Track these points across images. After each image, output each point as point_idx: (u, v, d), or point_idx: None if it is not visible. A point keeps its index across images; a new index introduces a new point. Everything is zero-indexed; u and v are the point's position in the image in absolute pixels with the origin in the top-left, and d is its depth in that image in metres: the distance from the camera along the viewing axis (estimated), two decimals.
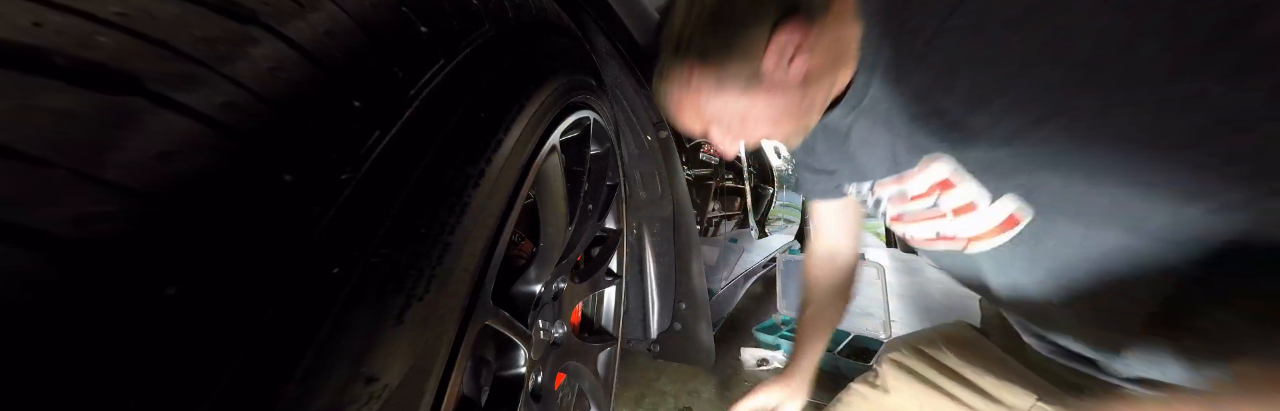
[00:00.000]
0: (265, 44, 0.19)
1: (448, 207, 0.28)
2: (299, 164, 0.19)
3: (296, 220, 0.19)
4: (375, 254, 0.23)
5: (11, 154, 0.12)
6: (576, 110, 0.56)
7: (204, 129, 0.16)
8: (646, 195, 0.93)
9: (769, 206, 1.91)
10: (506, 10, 0.39)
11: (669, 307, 0.95)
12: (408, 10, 0.27)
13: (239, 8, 0.18)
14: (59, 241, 0.13)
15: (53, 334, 0.13)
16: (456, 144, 0.30)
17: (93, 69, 0.14)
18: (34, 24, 0.13)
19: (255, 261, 0.17)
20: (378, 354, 0.23)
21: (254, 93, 0.18)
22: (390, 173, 0.24)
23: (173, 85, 0.16)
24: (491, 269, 0.35)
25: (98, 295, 0.14)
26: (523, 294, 0.53)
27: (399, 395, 0.25)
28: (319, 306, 0.20)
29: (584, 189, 0.69)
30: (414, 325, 0.26)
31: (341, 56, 0.22)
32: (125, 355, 0.14)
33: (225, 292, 0.17)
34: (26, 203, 0.13)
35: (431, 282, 0.27)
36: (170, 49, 0.16)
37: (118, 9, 0.15)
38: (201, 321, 0.16)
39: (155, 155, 0.15)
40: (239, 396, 0.17)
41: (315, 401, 0.20)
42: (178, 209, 0.15)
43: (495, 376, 0.50)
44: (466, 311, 0.32)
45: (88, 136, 0.14)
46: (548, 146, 0.46)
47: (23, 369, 0.12)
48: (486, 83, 0.34)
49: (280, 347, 0.18)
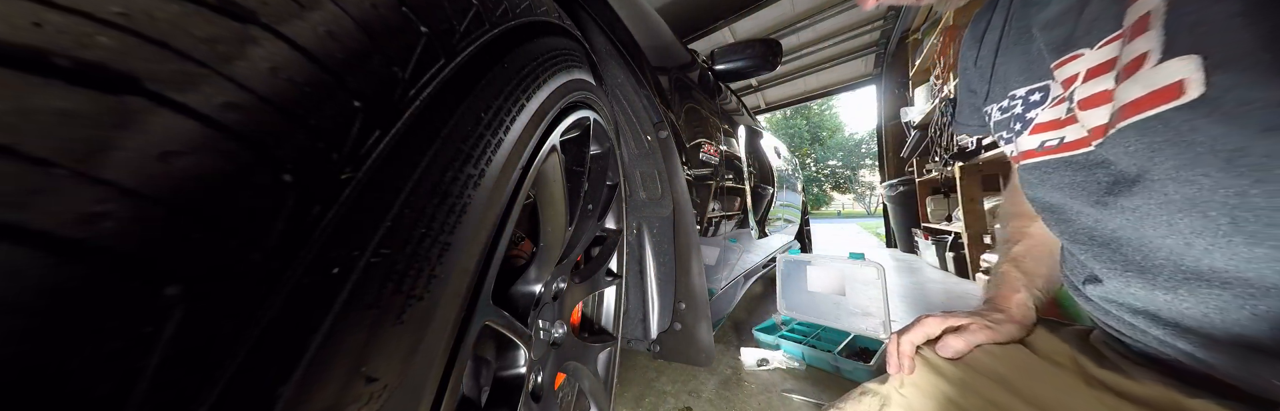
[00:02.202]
0: (265, 44, 0.19)
1: (448, 208, 0.28)
2: (299, 164, 0.19)
3: (296, 220, 0.19)
4: (375, 254, 0.23)
5: (11, 154, 0.12)
6: (576, 110, 0.56)
7: (204, 129, 0.16)
8: (646, 195, 0.93)
9: (769, 206, 1.91)
10: (507, 10, 0.39)
11: (669, 307, 0.95)
12: (408, 10, 0.27)
13: (239, 8, 0.18)
14: (59, 241, 0.13)
15: (53, 334, 0.13)
16: (457, 144, 0.30)
17: (93, 69, 0.14)
18: (34, 24, 0.13)
19: (255, 261, 0.17)
20: (378, 354, 0.23)
21: (254, 93, 0.18)
22: (390, 173, 0.24)
23: (173, 85, 0.16)
24: (491, 269, 0.35)
25: (98, 295, 0.14)
26: (523, 294, 0.53)
27: (399, 395, 0.25)
28: (319, 306, 0.20)
29: (584, 189, 0.69)
30: (414, 325, 0.26)
31: (341, 56, 0.22)
32: (125, 355, 0.14)
33: (225, 292, 0.17)
34: (26, 202, 0.13)
35: (431, 282, 0.27)
36: (170, 49, 0.16)
37: (118, 9, 0.15)
38: (201, 321, 0.16)
39: (155, 155, 0.15)
40: (238, 396, 0.17)
41: (315, 401, 0.20)
42: (178, 209, 0.15)
43: (495, 376, 0.50)
44: (466, 311, 0.32)
45: (88, 136, 0.14)
46: (548, 146, 0.46)
47: (22, 369, 0.12)
48: (487, 83, 0.34)
49: (280, 347, 0.18)
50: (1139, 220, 0.34)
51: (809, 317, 1.54)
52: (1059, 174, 0.43)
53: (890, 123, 4.91)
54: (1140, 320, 0.38)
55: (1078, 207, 0.41)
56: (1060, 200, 0.44)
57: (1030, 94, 0.46)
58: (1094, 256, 0.40)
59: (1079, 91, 0.38)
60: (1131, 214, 0.35)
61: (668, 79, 1.02)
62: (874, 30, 4.67)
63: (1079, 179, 0.41)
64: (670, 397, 1.11)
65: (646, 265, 0.96)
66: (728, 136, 1.41)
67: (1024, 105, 0.47)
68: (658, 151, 0.89)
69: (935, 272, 3.01)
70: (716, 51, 1.59)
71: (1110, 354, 0.44)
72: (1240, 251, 0.28)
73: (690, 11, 3.82)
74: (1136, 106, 0.31)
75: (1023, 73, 0.47)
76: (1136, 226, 0.35)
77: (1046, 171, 0.45)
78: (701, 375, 1.25)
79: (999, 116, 0.52)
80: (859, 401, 0.52)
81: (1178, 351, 0.35)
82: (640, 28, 0.90)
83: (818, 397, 1.11)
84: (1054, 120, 0.43)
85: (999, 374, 0.47)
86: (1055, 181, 0.44)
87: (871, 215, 20.27)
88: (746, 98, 6.50)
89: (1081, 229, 0.42)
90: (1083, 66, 0.38)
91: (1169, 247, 0.33)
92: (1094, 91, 0.37)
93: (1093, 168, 0.39)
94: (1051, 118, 0.44)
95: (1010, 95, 0.49)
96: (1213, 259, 0.30)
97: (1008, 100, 0.50)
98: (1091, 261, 0.41)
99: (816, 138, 34.43)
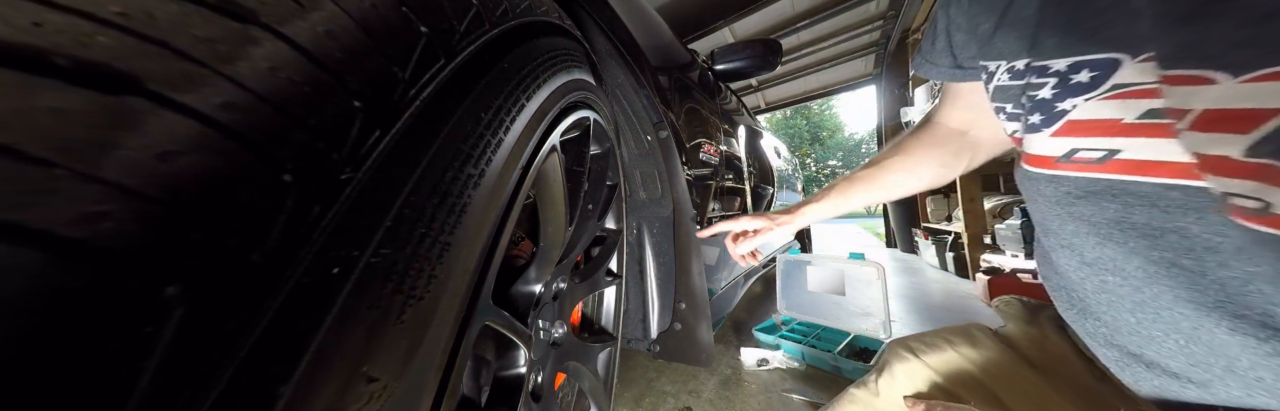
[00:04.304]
0: (265, 44, 0.19)
1: (448, 208, 0.28)
2: (299, 164, 0.19)
3: (296, 220, 0.19)
4: (375, 254, 0.23)
5: (12, 154, 0.12)
6: (576, 110, 0.56)
7: (204, 129, 0.16)
8: (646, 195, 0.93)
9: (769, 206, 1.91)
10: (507, 10, 0.39)
11: (669, 307, 0.95)
12: (408, 10, 0.27)
13: (239, 8, 0.18)
14: (59, 241, 0.13)
15: (53, 334, 0.13)
16: (457, 144, 0.30)
17: (93, 69, 0.14)
18: (34, 24, 0.13)
19: (255, 261, 0.17)
20: (378, 354, 0.23)
21: (254, 93, 0.18)
22: (390, 173, 0.24)
23: (173, 85, 0.16)
24: (491, 269, 0.35)
25: (98, 295, 0.14)
26: (523, 294, 0.53)
27: (399, 395, 0.25)
28: (319, 306, 0.20)
29: (584, 189, 0.69)
30: (414, 325, 0.26)
31: (341, 56, 0.22)
32: (125, 355, 0.14)
33: (225, 292, 0.17)
34: (26, 202, 0.13)
35: (431, 282, 0.27)
36: (170, 49, 0.16)
37: (117, 9, 0.15)
38: (201, 321, 0.16)
39: (155, 155, 0.15)
40: (238, 396, 0.17)
41: (315, 401, 0.20)
42: (178, 209, 0.15)
43: (495, 376, 0.50)
44: (466, 311, 0.32)
45: (88, 136, 0.14)
46: (548, 146, 0.46)
47: (22, 369, 0.12)
48: (487, 83, 0.34)
49: (280, 347, 0.18)
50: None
51: (809, 317, 1.54)
52: (1100, 205, 0.30)
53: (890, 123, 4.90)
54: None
55: (1125, 262, 0.29)
56: (1092, 244, 0.31)
57: (1075, 69, 0.30)
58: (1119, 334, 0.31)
59: (1203, 97, 0.23)
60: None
61: (668, 79, 1.02)
62: (874, 30, 4.67)
63: (1144, 220, 0.28)
64: (670, 397, 1.11)
65: (646, 265, 0.96)
66: (728, 136, 1.41)
67: (1058, 86, 0.31)
68: (658, 151, 0.89)
69: (935, 272, 3.01)
70: (716, 51, 1.59)
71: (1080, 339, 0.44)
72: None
73: (690, 11, 3.82)
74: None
75: (1073, 32, 0.31)
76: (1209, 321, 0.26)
77: (1077, 196, 0.32)
78: (701, 375, 1.25)
79: (1005, 81, 0.37)
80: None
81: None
82: (640, 28, 0.90)
83: (817, 397, 1.11)
84: (1107, 121, 0.29)
85: (975, 379, 0.47)
86: (1090, 214, 0.31)
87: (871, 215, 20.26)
88: (746, 98, 6.50)
89: (1114, 297, 0.31)
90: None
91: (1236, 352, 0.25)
92: (1242, 108, 0.22)
93: (1181, 211, 0.27)
94: (1102, 116, 0.30)
95: (1041, 65, 0.33)
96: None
97: (1031, 70, 0.34)
98: (1106, 334, 0.33)
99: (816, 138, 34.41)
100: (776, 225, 0.70)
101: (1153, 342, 0.29)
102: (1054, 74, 0.32)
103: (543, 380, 0.56)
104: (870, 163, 0.64)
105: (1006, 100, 0.38)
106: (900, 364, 0.53)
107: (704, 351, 0.92)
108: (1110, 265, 0.31)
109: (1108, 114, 0.29)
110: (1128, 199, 0.29)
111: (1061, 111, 0.32)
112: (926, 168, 0.59)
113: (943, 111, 0.58)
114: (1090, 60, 0.30)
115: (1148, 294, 0.28)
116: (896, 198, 0.64)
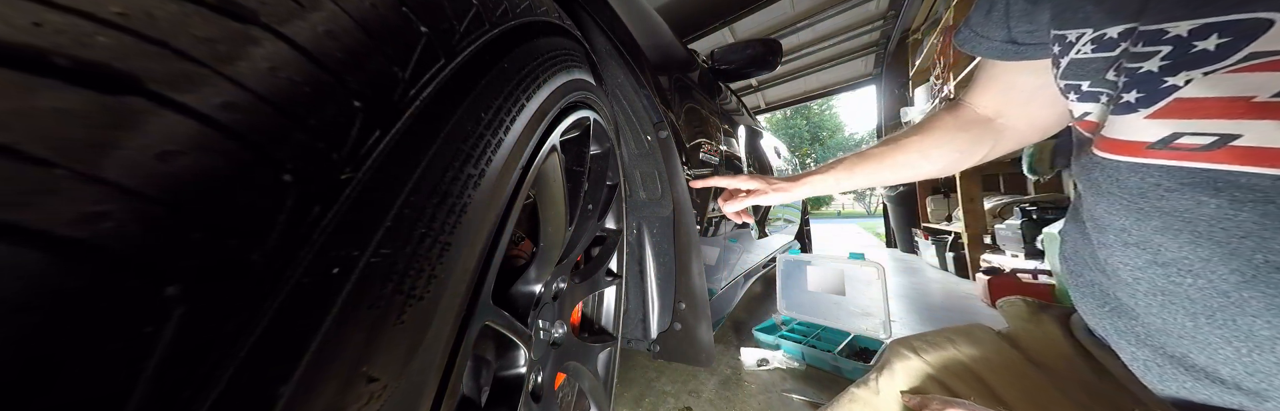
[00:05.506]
0: (265, 44, 0.19)
1: (448, 208, 0.28)
2: (299, 164, 0.19)
3: (296, 220, 0.19)
4: (375, 254, 0.23)
5: (11, 154, 0.12)
6: (576, 110, 0.56)
7: (204, 129, 0.16)
8: (646, 195, 0.93)
9: (769, 206, 1.91)
10: (507, 10, 0.39)
11: (669, 307, 0.95)
12: (408, 10, 0.27)
13: (239, 8, 0.18)
14: (59, 241, 0.13)
15: (53, 334, 0.13)
16: (457, 144, 0.30)
17: (93, 69, 0.14)
18: (34, 24, 0.13)
19: (255, 261, 0.17)
20: (378, 354, 0.23)
21: (254, 93, 0.18)
22: (390, 173, 0.24)
23: (172, 85, 0.16)
24: (492, 269, 0.35)
25: (98, 295, 0.14)
26: (523, 294, 0.53)
27: (399, 395, 0.25)
28: (319, 306, 0.20)
29: (584, 189, 0.69)
30: (414, 325, 0.26)
31: (341, 56, 0.22)
32: (125, 355, 0.14)
33: (225, 292, 0.17)
34: (26, 202, 0.13)
35: (431, 282, 0.27)
36: (170, 49, 0.16)
37: (117, 9, 0.15)
38: (201, 321, 0.16)
39: (155, 155, 0.15)
40: (238, 396, 0.17)
41: (315, 401, 0.20)
42: (178, 209, 0.15)
43: (495, 376, 0.50)
44: (466, 311, 0.32)
45: (88, 136, 0.14)
46: (548, 146, 0.46)
47: (22, 369, 0.12)
48: (487, 83, 0.34)
49: (280, 347, 0.18)
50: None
51: (809, 317, 1.54)
52: (1198, 200, 0.26)
53: (890, 123, 4.91)
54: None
55: (1219, 264, 0.25)
56: (1179, 244, 0.27)
57: (1202, 34, 0.25)
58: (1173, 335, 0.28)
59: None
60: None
61: (668, 79, 1.02)
62: (874, 30, 4.67)
63: (1255, 217, 0.24)
64: (670, 397, 1.11)
65: (646, 265, 0.96)
66: (728, 136, 1.41)
67: (1173, 55, 0.26)
68: (658, 151, 0.89)
69: (935, 272, 3.01)
70: (716, 51, 1.59)
71: (1084, 337, 0.43)
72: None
73: (690, 11, 3.82)
74: None
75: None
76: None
77: (1168, 189, 0.27)
78: (701, 375, 1.25)
79: (1087, 53, 0.32)
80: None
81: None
82: (640, 28, 0.90)
83: (817, 397, 1.11)
84: (1231, 100, 0.24)
85: (977, 377, 0.47)
86: (1184, 210, 0.27)
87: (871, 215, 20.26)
88: (746, 98, 6.50)
89: (1191, 302, 0.27)
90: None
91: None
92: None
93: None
94: (1226, 93, 0.25)
95: (1153, 30, 0.27)
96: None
97: (1134, 37, 0.29)
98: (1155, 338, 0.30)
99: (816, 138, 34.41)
100: (772, 189, 0.69)
101: (1207, 348, 0.27)
102: (1171, 40, 0.26)
103: (543, 380, 0.56)
104: (886, 141, 0.62)
105: (1084, 77, 0.33)
106: (901, 362, 0.53)
107: (704, 351, 0.92)
108: (1194, 266, 0.27)
109: (1234, 90, 0.24)
110: (1236, 193, 0.24)
111: (1169, 87, 0.26)
112: (942, 151, 0.57)
113: (974, 94, 0.54)
114: (1227, 22, 0.24)
115: (1233, 299, 0.25)
116: (901, 181, 0.63)
